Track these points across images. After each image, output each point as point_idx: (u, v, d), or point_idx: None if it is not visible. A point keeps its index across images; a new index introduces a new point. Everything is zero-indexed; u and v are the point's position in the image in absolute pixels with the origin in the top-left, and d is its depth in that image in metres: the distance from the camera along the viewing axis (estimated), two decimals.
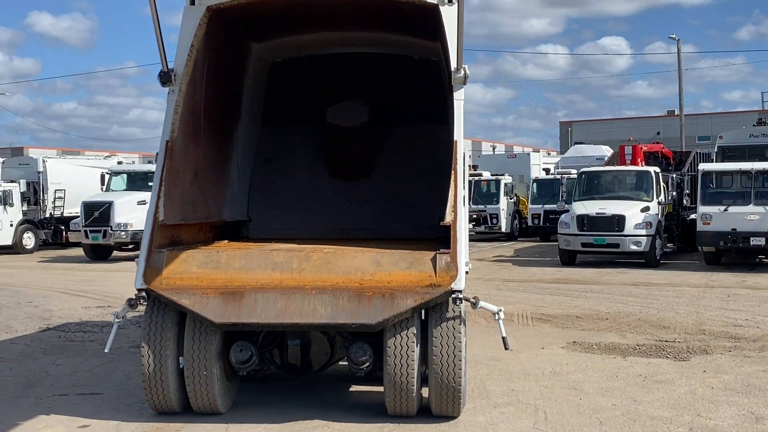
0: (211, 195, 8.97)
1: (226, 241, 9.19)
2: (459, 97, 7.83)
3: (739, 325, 12.65)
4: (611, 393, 8.36)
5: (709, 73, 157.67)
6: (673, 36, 48.62)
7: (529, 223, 33.15)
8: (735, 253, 21.39)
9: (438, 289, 6.80)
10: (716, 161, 23.30)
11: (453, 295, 6.84)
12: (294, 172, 10.45)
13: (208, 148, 8.78)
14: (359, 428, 7.12)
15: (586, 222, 22.29)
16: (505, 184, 33.63)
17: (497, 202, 33.05)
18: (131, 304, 7.11)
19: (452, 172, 7.33)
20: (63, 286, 19.30)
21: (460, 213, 7.21)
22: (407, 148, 10.40)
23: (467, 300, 7.07)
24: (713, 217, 20.55)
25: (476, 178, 34.41)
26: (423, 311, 7.06)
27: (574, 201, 23.74)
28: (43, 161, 32.43)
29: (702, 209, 20.84)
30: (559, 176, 31.44)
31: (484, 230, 32.93)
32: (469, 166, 47.22)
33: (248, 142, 10.22)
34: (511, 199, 33.86)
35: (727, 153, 23.19)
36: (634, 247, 21.87)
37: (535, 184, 33.09)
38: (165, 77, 7.70)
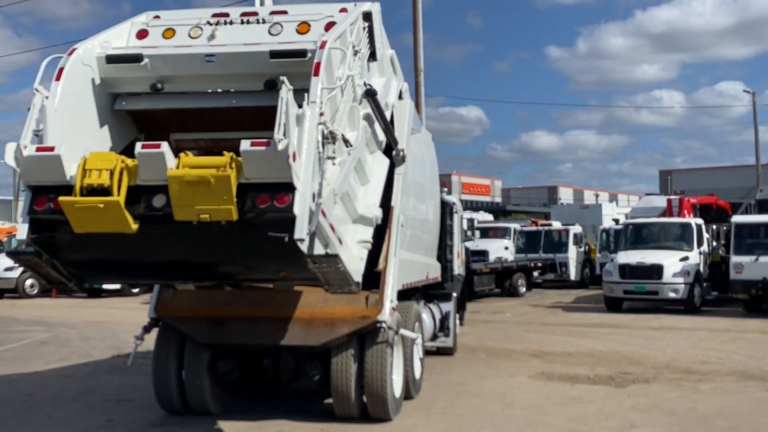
0: None
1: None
2: (399, 171, 9.93)
3: (706, 362, 13.73)
4: (532, 409, 10.11)
5: None
6: (748, 90, 49.16)
7: (597, 272, 34.14)
8: None
9: (367, 320, 8.94)
10: (754, 213, 23.99)
11: (378, 324, 8.93)
12: None
13: None
14: (308, 426, 9.18)
15: (627, 270, 23.39)
16: (575, 234, 34.76)
17: (566, 251, 34.20)
18: (146, 328, 9.66)
19: (387, 230, 9.40)
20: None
21: (390, 262, 9.38)
22: None
23: (390, 328, 9.11)
24: (745, 266, 21.28)
25: (546, 228, 36.01)
26: (359, 337, 9.04)
27: (620, 251, 24.96)
28: None
29: (734, 259, 21.57)
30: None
31: (553, 278, 34.01)
32: (543, 216, 48.85)
33: None
34: (580, 248, 34.93)
35: (764, 206, 23.86)
36: (672, 294, 22.89)
37: (603, 234, 34.12)
38: None
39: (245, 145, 6.41)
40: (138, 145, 6.75)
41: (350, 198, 8.09)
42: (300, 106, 6.79)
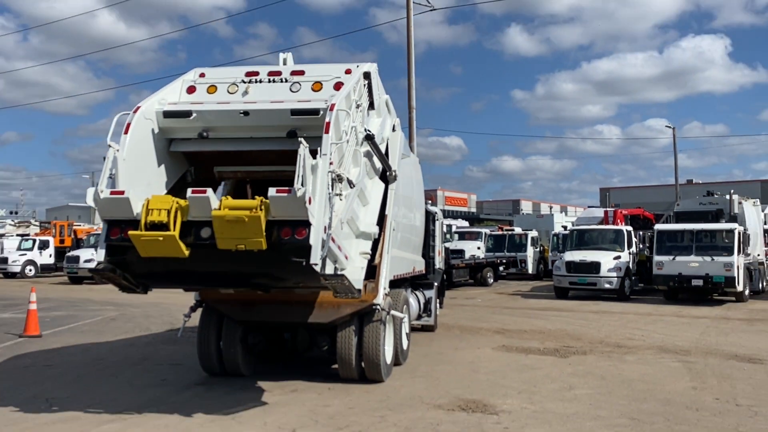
0: None
1: None
2: (392, 188, 10.01)
3: (632, 339, 13.84)
4: (494, 373, 10.24)
5: (739, 147, 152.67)
6: (670, 125, 49.58)
7: (549, 267, 34.22)
8: (688, 291, 21.90)
9: (365, 303, 9.02)
10: (671, 222, 24.04)
11: (374, 307, 9.08)
12: None
13: None
14: (319, 385, 9.29)
15: (572, 266, 23.56)
16: (532, 237, 34.80)
17: (525, 250, 34.26)
18: (193, 308, 9.76)
19: (382, 234, 9.43)
20: None
21: (384, 258, 9.47)
22: None
23: (383, 310, 9.25)
24: (664, 264, 21.40)
25: (510, 232, 36.16)
26: (359, 316, 9.17)
27: (567, 251, 25.07)
28: None
29: (656, 258, 21.67)
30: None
31: (515, 272, 33.98)
32: (508, 222, 48.96)
33: None
34: (536, 248, 34.99)
35: (681, 216, 23.87)
36: (607, 285, 23.05)
37: (555, 237, 34.22)
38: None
39: (272, 191, 6.64)
40: (189, 190, 6.97)
41: (354, 220, 8.20)
42: (314, 154, 6.93)
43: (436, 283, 14.60)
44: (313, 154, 6.96)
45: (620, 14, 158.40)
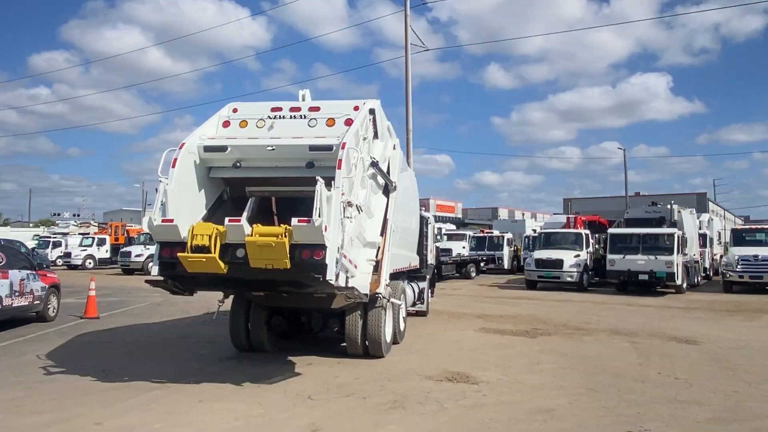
0: None
1: None
2: (392, 197, 9.89)
3: (589, 323, 13.79)
4: (474, 350, 10.23)
5: (678, 166, 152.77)
6: (621, 147, 49.77)
7: (522, 263, 34.13)
8: (635, 284, 21.69)
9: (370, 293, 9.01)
10: (622, 227, 23.96)
11: (376, 295, 9.02)
12: None
13: None
14: (330, 360, 9.30)
15: (540, 263, 23.53)
16: (508, 239, 34.72)
17: (502, 249, 34.22)
18: (226, 295, 9.72)
19: (383, 235, 9.31)
20: None
21: (385, 255, 9.30)
22: None
23: (384, 298, 9.24)
24: (616, 261, 21.36)
25: (490, 234, 36.10)
26: (364, 303, 8.99)
27: (536, 250, 25.01)
28: None
29: (609, 256, 21.61)
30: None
31: (494, 267, 33.88)
32: (488, 226, 48.79)
33: None
34: (511, 248, 34.93)
35: (630, 222, 23.81)
36: (569, 279, 23.02)
37: (526, 239, 34.16)
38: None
39: (294, 221, 6.77)
40: (226, 219, 7.10)
41: (362, 233, 8.25)
42: (328, 183, 6.99)
43: (428, 276, 14.61)
44: (327, 181, 7.01)
45: (580, 55, 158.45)
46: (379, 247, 9.04)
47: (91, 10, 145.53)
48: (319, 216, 6.66)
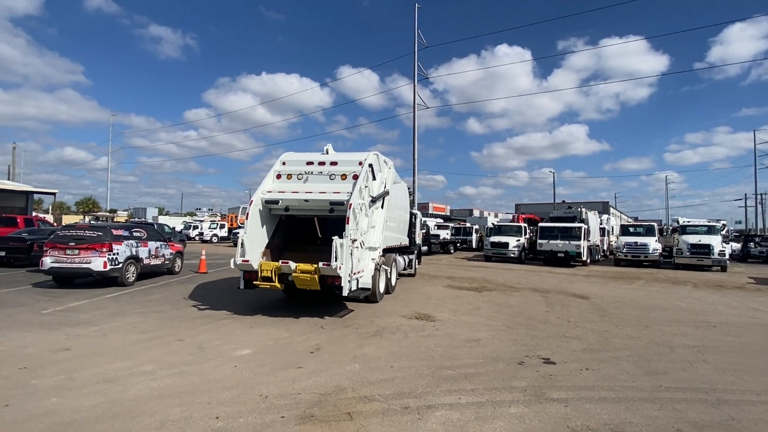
0: None
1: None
2: (387, 199, 9.25)
3: (519, 283, 13.13)
4: (439, 300, 9.69)
5: (591, 184, 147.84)
6: (551, 170, 48.05)
7: (483, 244, 33.29)
8: (556, 260, 20.80)
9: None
10: (548, 222, 23.18)
11: (374, 263, 8.62)
12: None
13: None
14: (341, 305, 8.93)
15: (494, 244, 22.77)
16: (476, 228, 33.92)
17: (472, 235, 33.49)
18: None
19: (378, 224, 8.93)
20: None
21: (380, 237, 8.89)
22: None
23: (380, 264, 8.79)
24: (543, 244, 20.59)
25: (465, 226, 35.28)
26: None
27: (492, 236, 24.29)
28: None
29: (539, 241, 20.78)
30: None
31: (465, 247, 32.88)
32: (464, 221, 47.75)
33: None
34: (478, 234, 34.17)
35: (553, 219, 23.05)
36: (512, 255, 22.07)
37: (488, 229, 33.20)
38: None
39: (321, 265, 6.99)
40: (280, 261, 7.31)
41: (366, 242, 8.01)
42: (341, 228, 7.08)
43: (416, 251, 14.20)
44: (341, 222, 7.13)
45: (528, 112, 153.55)
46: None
47: (221, 83, 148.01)
48: (335, 260, 6.86)
